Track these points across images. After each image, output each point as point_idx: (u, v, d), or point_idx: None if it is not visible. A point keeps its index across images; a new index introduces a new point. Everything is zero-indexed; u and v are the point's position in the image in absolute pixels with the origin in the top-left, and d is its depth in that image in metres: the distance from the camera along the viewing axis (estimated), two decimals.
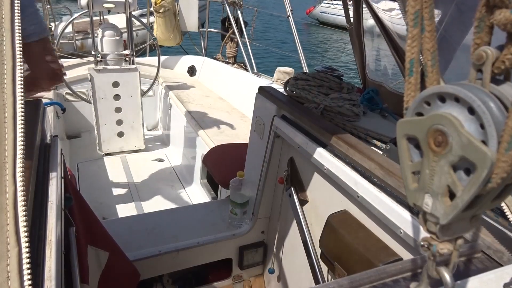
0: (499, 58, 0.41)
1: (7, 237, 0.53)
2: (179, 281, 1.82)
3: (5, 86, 0.60)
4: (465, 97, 0.41)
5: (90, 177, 3.20)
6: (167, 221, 1.81)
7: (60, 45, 3.40)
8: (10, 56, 0.62)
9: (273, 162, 1.64)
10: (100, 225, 1.36)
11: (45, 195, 0.84)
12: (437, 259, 0.51)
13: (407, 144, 0.49)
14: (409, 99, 0.49)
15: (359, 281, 0.66)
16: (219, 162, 2.29)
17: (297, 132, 1.39)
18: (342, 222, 1.23)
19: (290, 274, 1.70)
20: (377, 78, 2.09)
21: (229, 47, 4.48)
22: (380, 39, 1.96)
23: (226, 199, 1.88)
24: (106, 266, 1.30)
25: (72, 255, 1.00)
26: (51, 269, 0.66)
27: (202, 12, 4.89)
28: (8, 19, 0.63)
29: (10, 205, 0.56)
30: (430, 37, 0.46)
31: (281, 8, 4.28)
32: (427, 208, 0.47)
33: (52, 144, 1.08)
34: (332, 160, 1.23)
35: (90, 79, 3.17)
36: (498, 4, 0.39)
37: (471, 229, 0.49)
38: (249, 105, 2.09)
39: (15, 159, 0.58)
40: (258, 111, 1.67)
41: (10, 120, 0.59)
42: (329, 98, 1.54)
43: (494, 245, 0.77)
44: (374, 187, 1.08)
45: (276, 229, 1.72)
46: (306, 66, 3.88)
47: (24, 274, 0.52)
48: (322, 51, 15.49)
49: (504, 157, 0.39)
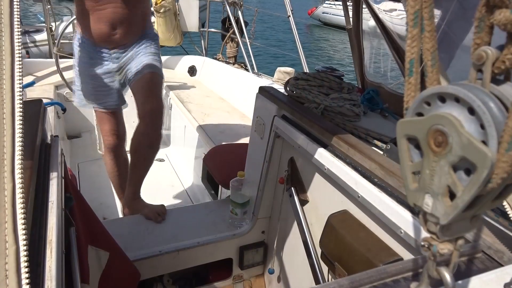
0: (499, 58, 0.41)
1: (5, 235, 0.53)
2: (179, 281, 1.82)
3: (3, 82, 0.60)
4: (465, 97, 0.41)
5: (91, 177, 3.20)
6: (167, 221, 1.81)
7: (60, 45, 3.40)
8: (9, 52, 0.61)
9: (274, 162, 1.64)
10: (100, 225, 1.36)
11: (46, 195, 0.84)
12: (437, 259, 0.51)
13: (407, 144, 0.49)
14: (409, 99, 0.49)
15: (359, 281, 0.66)
16: (220, 162, 2.29)
17: (298, 132, 1.39)
18: (342, 222, 1.23)
19: (291, 274, 1.70)
20: (376, 79, 2.09)
21: (230, 47, 4.48)
22: (379, 40, 1.96)
23: (227, 199, 1.88)
24: (107, 266, 1.30)
25: (73, 255, 1.00)
26: (51, 269, 0.66)
27: (203, 12, 4.88)
28: (7, 14, 0.62)
29: (8, 203, 0.55)
30: (430, 37, 0.46)
31: (281, 8, 4.28)
32: (427, 208, 0.47)
33: (53, 144, 1.08)
34: (332, 160, 1.23)
35: None
36: (498, 4, 0.39)
37: (472, 229, 0.49)
38: (249, 105, 2.09)
39: (14, 156, 0.58)
40: (258, 111, 1.67)
41: (9, 116, 0.59)
42: (330, 98, 1.54)
43: (495, 245, 0.77)
44: (375, 187, 1.08)
45: (276, 229, 1.72)
46: (307, 66, 3.87)
47: (22, 272, 0.52)
48: (324, 51, 15.49)
49: (504, 157, 0.39)
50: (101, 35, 1.89)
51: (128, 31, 1.92)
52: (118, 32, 1.90)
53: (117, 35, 1.90)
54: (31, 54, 6.22)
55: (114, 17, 1.85)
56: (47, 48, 5.10)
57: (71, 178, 1.34)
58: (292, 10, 3.98)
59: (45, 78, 3.58)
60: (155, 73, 1.95)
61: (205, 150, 2.65)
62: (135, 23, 1.93)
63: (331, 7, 19.91)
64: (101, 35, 1.90)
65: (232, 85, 3.76)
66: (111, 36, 1.90)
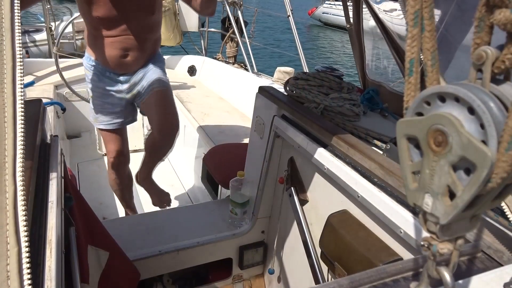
0: (499, 58, 0.41)
1: (7, 237, 0.54)
2: (179, 281, 1.82)
3: (5, 86, 0.60)
4: (465, 97, 0.41)
5: (90, 177, 3.20)
6: (167, 221, 1.81)
7: (60, 45, 3.40)
8: (10, 56, 0.62)
9: (273, 162, 1.64)
10: (100, 225, 1.36)
11: (46, 195, 0.84)
12: (437, 259, 0.51)
13: (407, 144, 0.49)
14: (409, 99, 0.49)
15: (359, 281, 0.66)
16: (219, 162, 2.29)
17: (297, 132, 1.39)
18: (342, 222, 1.23)
19: (290, 274, 1.70)
20: (377, 78, 2.09)
21: (229, 47, 4.48)
22: (380, 39, 1.96)
23: (226, 199, 1.88)
24: (106, 266, 1.30)
25: (72, 255, 1.00)
26: (51, 268, 0.66)
27: None
28: (8, 19, 0.63)
29: (10, 205, 0.56)
30: (430, 37, 0.46)
31: (282, 8, 4.27)
32: (427, 208, 0.47)
33: (52, 144, 1.08)
34: (332, 160, 1.23)
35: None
36: (498, 4, 0.39)
37: (471, 229, 0.49)
38: (249, 105, 2.09)
39: (15, 159, 0.58)
40: (258, 111, 1.67)
41: (10, 120, 0.59)
42: (329, 98, 1.54)
43: (494, 245, 0.77)
44: (374, 186, 1.08)
45: (276, 229, 1.72)
46: (306, 66, 3.87)
47: (24, 273, 0.52)
48: (323, 51, 15.49)
49: (504, 157, 0.39)
50: (112, 60, 1.88)
51: (139, 57, 1.92)
52: (129, 59, 1.89)
53: (128, 61, 1.90)
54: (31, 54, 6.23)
55: (127, 45, 1.84)
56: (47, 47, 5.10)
57: (71, 178, 1.35)
58: (292, 10, 3.98)
59: (44, 78, 3.58)
60: (168, 89, 2.01)
61: (205, 150, 2.65)
62: (146, 49, 1.92)
63: (331, 7, 19.90)
64: (112, 60, 1.89)
65: (232, 85, 3.76)
66: (122, 62, 1.89)
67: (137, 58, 1.91)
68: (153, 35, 1.93)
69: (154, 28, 1.91)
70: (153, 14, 1.83)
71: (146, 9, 1.79)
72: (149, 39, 1.91)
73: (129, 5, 1.73)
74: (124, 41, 1.82)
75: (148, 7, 1.80)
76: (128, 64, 1.91)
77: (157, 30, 1.95)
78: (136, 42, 1.84)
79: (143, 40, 1.87)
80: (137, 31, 1.82)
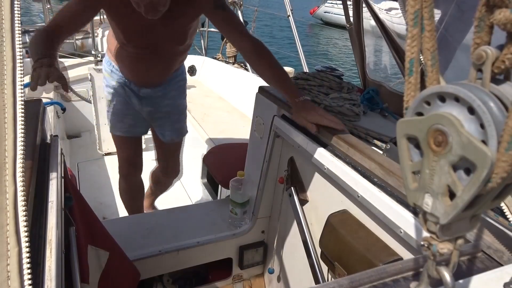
0: (499, 57, 0.41)
1: (7, 237, 0.54)
2: (179, 281, 1.82)
3: (5, 87, 0.60)
4: (465, 97, 0.41)
5: (91, 177, 3.20)
6: (167, 221, 1.81)
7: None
8: (10, 57, 0.62)
9: (273, 162, 1.64)
10: (100, 225, 1.36)
11: (45, 195, 0.84)
12: (437, 258, 0.51)
13: (407, 143, 0.49)
14: (409, 99, 0.49)
15: (359, 281, 0.66)
16: (219, 162, 2.29)
17: (297, 132, 1.39)
18: (342, 222, 1.23)
19: (290, 273, 1.70)
20: (377, 78, 2.09)
21: (229, 47, 4.48)
22: (380, 39, 1.96)
23: (226, 199, 1.88)
24: (106, 265, 1.30)
25: (72, 255, 1.00)
26: (51, 268, 0.66)
27: None
28: (8, 20, 0.63)
29: (10, 205, 0.56)
30: (430, 37, 0.46)
31: (282, 8, 4.27)
32: (427, 208, 0.47)
33: (52, 144, 1.08)
34: (332, 159, 1.23)
35: (90, 78, 3.16)
36: (498, 4, 0.39)
37: (471, 228, 0.49)
38: (249, 105, 2.09)
39: (15, 160, 0.59)
40: (258, 111, 1.67)
41: (10, 121, 0.60)
42: (329, 97, 1.54)
43: (494, 245, 0.77)
44: (374, 186, 1.08)
45: (276, 228, 1.72)
46: (306, 66, 3.87)
47: (24, 274, 0.52)
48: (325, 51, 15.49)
49: (504, 157, 0.39)
50: (135, 74, 1.85)
51: (164, 74, 1.89)
52: (153, 74, 1.85)
53: (151, 76, 1.87)
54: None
55: (153, 63, 1.79)
56: None
57: (71, 178, 1.34)
58: (292, 9, 3.98)
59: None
60: (183, 138, 2.23)
61: (205, 150, 2.65)
62: (172, 68, 1.90)
63: (333, 6, 19.89)
64: (135, 74, 1.86)
65: (232, 85, 3.76)
66: (146, 76, 1.86)
67: (161, 75, 1.88)
68: (182, 57, 1.90)
69: (184, 53, 1.88)
70: (185, 43, 1.78)
71: (179, 40, 1.74)
72: (177, 60, 1.88)
73: (162, 37, 1.68)
74: (151, 60, 1.77)
75: (181, 40, 1.75)
76: (151, 79, 1.88)
77: (186, 52, 1.90)
78: (163, 62, 1.81)
79: (171, 60, 1.84)
80: (167, 56, 1.80)
